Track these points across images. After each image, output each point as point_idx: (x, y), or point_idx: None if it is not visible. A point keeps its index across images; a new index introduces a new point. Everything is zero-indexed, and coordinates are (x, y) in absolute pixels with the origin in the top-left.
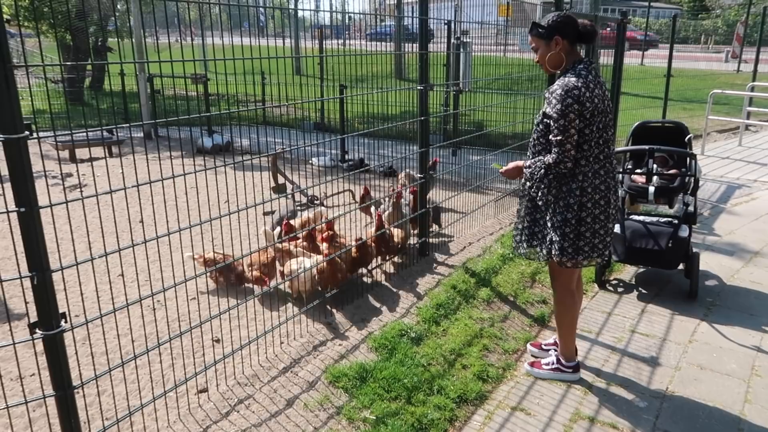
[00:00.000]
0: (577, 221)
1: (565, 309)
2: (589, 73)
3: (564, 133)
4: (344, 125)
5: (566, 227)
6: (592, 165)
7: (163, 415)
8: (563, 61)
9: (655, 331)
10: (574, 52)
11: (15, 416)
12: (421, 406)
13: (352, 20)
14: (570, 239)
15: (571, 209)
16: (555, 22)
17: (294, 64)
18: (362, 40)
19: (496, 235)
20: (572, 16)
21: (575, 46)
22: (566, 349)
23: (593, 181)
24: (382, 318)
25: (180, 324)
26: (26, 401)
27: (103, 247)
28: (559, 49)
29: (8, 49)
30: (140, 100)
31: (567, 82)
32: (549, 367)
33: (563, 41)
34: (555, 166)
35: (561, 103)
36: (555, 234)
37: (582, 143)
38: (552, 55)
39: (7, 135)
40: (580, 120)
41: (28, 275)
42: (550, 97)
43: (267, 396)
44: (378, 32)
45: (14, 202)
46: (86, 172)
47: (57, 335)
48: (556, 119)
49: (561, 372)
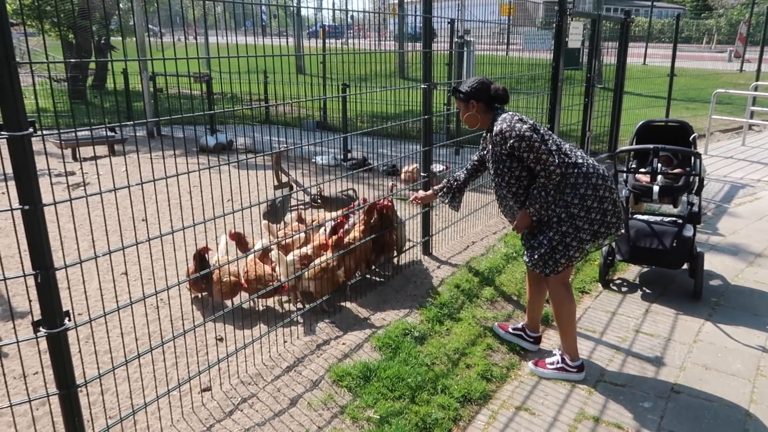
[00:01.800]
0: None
1: (561, 303)
2: (507, 112)
3: (533, 150)
4: (346, 124)
5: (577, 220)
6: (567, 161)
7: (166, 413)
8: (479, 120)
9: (659, 331)
10: (492, 109)
11: (18, 414)
12: (425, 406)
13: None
14: (571, 235)
15: (585, 205)
16: (471, 88)
17: (297, 62)
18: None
19: (499, 234)
20: (487, 81)
21: (491, 105)
22: (569, 348)
23: (581, 170)
24: (386, 317)
25: (183, 322)
26: (30, 399)
27: (106, 245)
28: (475, 111)
29: (12, 47)
30: (143, 98)
31: (503, 119)
32: (553, 366)
33: (478, 104)
34: (550, 181)
35: (510, 138)
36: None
37: (551, 150)
38: (469, 116)
39: (11, 132)
40: (536, 134)
41: (31, 273)
42: (497, 141)
43: (270, 395)
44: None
45: (18, 200)
46: (89, 170)
47: (60, 333)
48: (519, 146)
49: (566, 372)
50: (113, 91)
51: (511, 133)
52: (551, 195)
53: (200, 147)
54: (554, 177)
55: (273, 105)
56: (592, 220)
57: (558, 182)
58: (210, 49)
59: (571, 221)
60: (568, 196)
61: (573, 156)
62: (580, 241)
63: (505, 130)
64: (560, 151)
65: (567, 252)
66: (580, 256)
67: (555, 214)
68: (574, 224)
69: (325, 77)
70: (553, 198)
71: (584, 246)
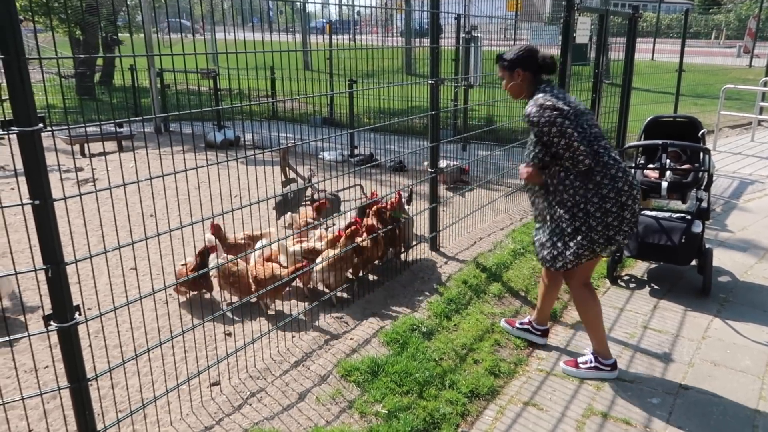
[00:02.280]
0: (585, 215)
1: (585, 305)
2: (552, 89)
3: (563, 136)
4: (353, 120)
5: (591, 220)
6: (599, 159)
7: (176, 407)
8: (523, 91)
9: (667, 327)
10: (537, 81)
11: (29, 408)
12: (433, 401)
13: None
14: (584, 233)
15: (608, 199)
16: (517, 56)
17: (303, 58)
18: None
19: (506, 230)
20: (534, 49)
21: (538, 76)
22: (600, 346)
23: (608, 172)
24: (393, 313)
25: (193, 318)
26: (41, 393)
27: (115, 241)
28: (520, 80)
29: (22, 42)
30: (151, 94)
31: (535, 100)
32: (587, 366)
33: (524, 73)
34: (573, 167)
35: (541, 118)
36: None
37: (582, 140)
38: (513, 85)
39: (21, 128)
40: (569, 122)
41: (42, 268)
42: (529, 119)
43: (279, 389)
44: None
45: (29, 195)
46: (97, 166)
47: (71, 327)
48: (548, 131)
49: (599, 370)
50: (121, 88)
51: (539, 118)
52: (569, 178)
53: (207, 143)
54: (581, 166)
55: (280, 101)
56: (607, 224)
57: (584, 173)
58: (217, 45)
59: (585, 218)
60: (589, 192)
61: (605, 155)
62: (590, 241)
63: (533, 115)
64: (595, 143)
65: (576, 250)
66: (589, 256)
67: (572, 205)
68: (587, 222)
69: (332, 73)
70: (571, 183)
71: (594, 247)
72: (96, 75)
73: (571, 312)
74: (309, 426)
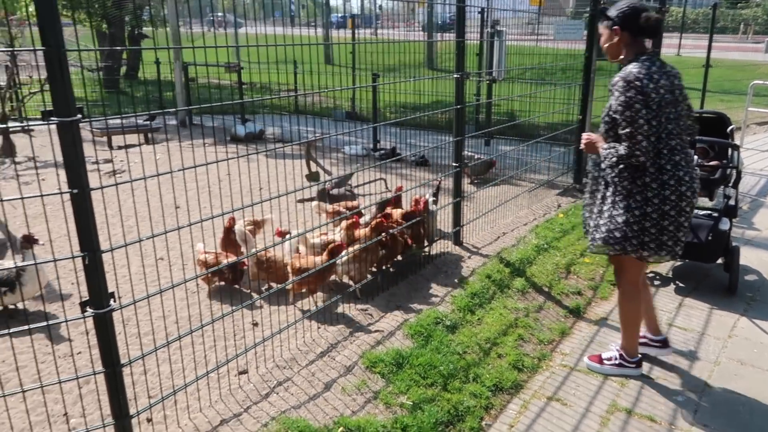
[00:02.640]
0: (642, 215)
1: (630, 304)
2: (653, 64)
3: (632, 125)
4: (376, 114)
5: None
6: (656, 160)
7: (205, 394)
8: (621, 52)
9: (693, 326)
10: (638, 43)
11: (64, 392)
12: (457, 393)
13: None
14: (636, 232)
15: (651, 203)
16: (618, 13)
17: (325, 52)
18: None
19: (530, 225)
20: (639, 8)
21: (639, 39)
22: (630, 345)
23: (660, 177)
24: (417, 306)
25: (222, 307)
26: (77, 377)
27: (144, 231)
28: (618, 40)
29: (62, 35)
30: (175, 87)
31: (628, 73)
32: (611, 362)
33: (623, 33)
34: (627, 158)
35: (623, 95)
36: (616, 223)
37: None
38: (610, 45)
39: (61, 118)
40: (647, 110)
41: (79, 255)
42: (612, 89)
43: (305, 379)
44: None
45: (67, 184)
46: (124, 158)
47: (106, 314)
48: (622, 111)
49: (624, 368)
50: (146, 81)
51: (620, 95)
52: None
53: (231, 136)
54: (633, 160)
55: (303, 95)
56: (662, 228)
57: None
58: (240, 39)
59: (641, 218)
60: (650, 192)
61: (667, 157)
62: (641, 243)
63: (616, 87)
64: (663, 143)
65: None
66: (634, 254)
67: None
68: (641, 224)
69: (355, 67)
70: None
71: (642, 248)
72: (122, 68)
73: (594, 309)
74: (335, 415)
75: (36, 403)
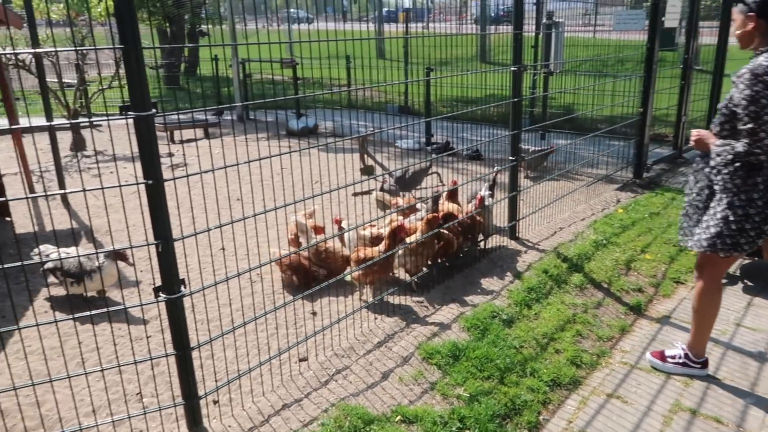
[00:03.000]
0: (744, 216)
1: (709, 302)
2: None
3: (756, 120)
4: (429, 108)
5: (746, 222)
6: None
7: (267, 379)
8: (753, 40)
9: (762, 326)
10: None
11: (132, 373)
12: (514, 387)
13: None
14: (733, 232)
15: (754, 204)
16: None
17: (377, 46)
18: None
19: (588, 220)
20: None
21: None
22: (700, 345)
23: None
24: (473, 299)
25: (285, 295)
26: (151, 358)
27: (207, 222)
28: (752, 27)
29: (139, 33)
30: (234, 83)
31: (757, 65)
32: (675, 361)
33: (759, 20)
34: (745, 156)
35: (750, 88)
36: (717, 224)
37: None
38: (743, 32)
39: (138, 112)
40: None
41: (154, 243)
42: (738, 81)
43: (363, 368)
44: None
45: (143, 175)
46: (186, 152)
47: (178, 299)
48: (746, 105)
49: (688, 367)
50: (205, 77)
51: (746, 88)
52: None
53: (287, 131)
54: (752, 158)
55: (356, 89)
56: (761, 232)
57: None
58: (293, 35)
59: (742, 219)
60: (756, 193)
61: None
62: (735, 243)
63: (742, 80)
64: None
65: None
66: (723, 253)
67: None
68: (740, 224)
69: (407, 61)
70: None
71: (736, 249)
72: (181, 65)
73: (656, 306)
74: (392, 404)
75: (111, 382)
